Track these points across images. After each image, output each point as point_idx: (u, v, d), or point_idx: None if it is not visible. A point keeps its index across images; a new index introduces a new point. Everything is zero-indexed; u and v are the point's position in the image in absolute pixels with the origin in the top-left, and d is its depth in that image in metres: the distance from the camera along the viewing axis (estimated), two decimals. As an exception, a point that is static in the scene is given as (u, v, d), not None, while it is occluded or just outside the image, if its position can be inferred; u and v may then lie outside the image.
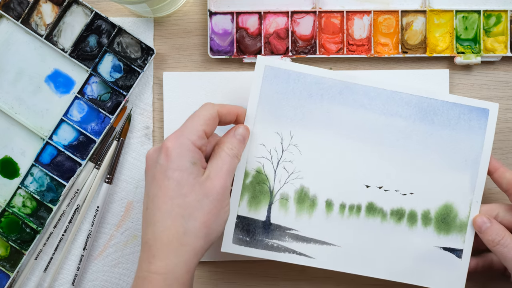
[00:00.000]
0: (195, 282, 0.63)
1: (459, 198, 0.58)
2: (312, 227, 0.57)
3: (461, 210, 0.57)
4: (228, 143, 0.53)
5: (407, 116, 0.57)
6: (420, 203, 0.58)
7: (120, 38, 0.62)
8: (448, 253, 0.57)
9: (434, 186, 0.58)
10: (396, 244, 0.57)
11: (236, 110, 0.55)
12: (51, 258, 0.62)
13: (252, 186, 0.57)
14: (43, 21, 0.62)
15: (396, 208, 0.58)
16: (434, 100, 0.57)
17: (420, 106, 0.57)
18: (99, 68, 0.62)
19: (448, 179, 0.58)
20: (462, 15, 0.62)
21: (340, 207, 0.57)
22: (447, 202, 0.58)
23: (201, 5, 0.63)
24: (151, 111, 0.63)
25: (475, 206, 0.57)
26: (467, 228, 0.57)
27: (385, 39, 0.62)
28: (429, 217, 0.57)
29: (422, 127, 0.57)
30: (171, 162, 0.49)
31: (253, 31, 0.62)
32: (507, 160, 0.63)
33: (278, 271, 0.63)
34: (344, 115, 0.57)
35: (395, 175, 0.57)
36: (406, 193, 0.58)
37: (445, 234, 0.58)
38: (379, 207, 0.57)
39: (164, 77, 0.62)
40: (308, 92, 0.57)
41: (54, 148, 0.62)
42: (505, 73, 0.63)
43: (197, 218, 0.49)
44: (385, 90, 0.57)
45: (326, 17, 0.62)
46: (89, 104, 0.62)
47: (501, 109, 0.63)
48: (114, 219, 0.63)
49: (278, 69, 0.57)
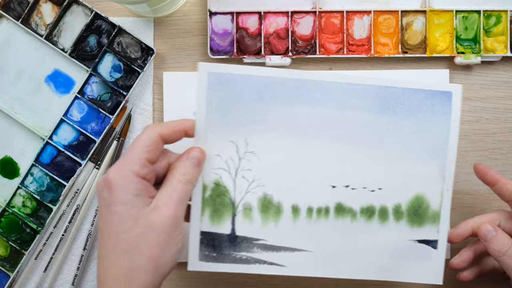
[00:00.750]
0: (195, 282, 0.63)
1: (430, 188, 0.56)
2: (280, 235, 0.55)
3: (433, 200, 0.56)
4: (180, 168, 0.50)
5: (367, 108, 0.55)
6: (390, 198, 0.56)
7: (120, 38, 0.62)
8: (423, 245, 0.56)
9: (402, 178, 0.56)
10: (369, 242, 0.56)
11: (182, 126, 0.51)
12: (51, 258, 0.62)
13: (212, 199, 0.54)
14: (43, 21, 0.62)
15: (365, 205, 0.56)
16: (394, 88, 0.55)
17: (380, 96, 0.55)
18: (99, 68, 0.62)
19: (416, 170, 0.56)
20: (462, 15, 0.62)
21: (307, 211, 0.55)
22: (417, 193, 0.56)
23: (201, 5, 0.63)
24: (151, 111, 0.63)
25: (447, 195, 0.56)
26: (440, 218, 0.56)
27: (385, 39, 0.62)
28: (400, 211, 0.56)
29: (385, 119, 0.55)
30: (114, 196, 0.47)
31: (253, 31, 0.62)
32: (507, 160, 0.63)
33: (278, 271, 0.62)
34: (300, 115, 0.54)
35: (361, 172, 0.55)
36: (375, 189, 0.56)
37: (419, 226, 0.56)
38: (348, 207, 0.55)
39: (164, 77, 0.62)
40: (259, 94, 0.54)
41: (54, 148, 0.62)
42: (505, 73, 0.63)
43: (143, 252, 0.46)
44: (340, 83, 0.54)
45: (326, 17, 0.62)
46: (89, 104, 0.62)
47: (501, 109, 0.63)
48: (114, 219, 0.63)
49: (222, 74, 0.53)
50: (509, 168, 0.63)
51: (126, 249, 0.46)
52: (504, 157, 0.63)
